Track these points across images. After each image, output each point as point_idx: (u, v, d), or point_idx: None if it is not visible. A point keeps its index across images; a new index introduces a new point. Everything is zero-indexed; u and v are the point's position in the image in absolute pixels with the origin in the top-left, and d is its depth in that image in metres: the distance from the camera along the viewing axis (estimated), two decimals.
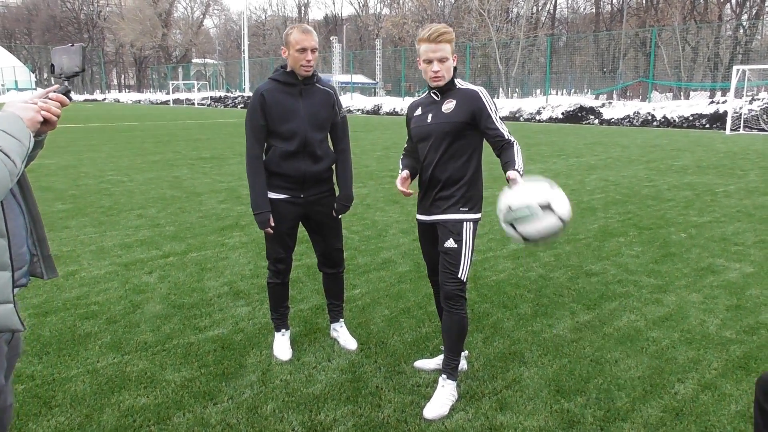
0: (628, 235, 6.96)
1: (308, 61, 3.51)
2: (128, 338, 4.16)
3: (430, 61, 3.23)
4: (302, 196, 3.69)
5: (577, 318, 4.53)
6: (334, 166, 3.84)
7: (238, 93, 59.63)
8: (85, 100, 69.08)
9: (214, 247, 6.48)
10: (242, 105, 51.08)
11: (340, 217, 3.89)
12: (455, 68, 3.32)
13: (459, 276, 3.25)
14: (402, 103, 39.79)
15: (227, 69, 76.97)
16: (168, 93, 66.02)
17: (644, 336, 4.21)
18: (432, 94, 3.40)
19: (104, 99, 71.37)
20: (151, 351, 3.96)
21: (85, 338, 4.16)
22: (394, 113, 38.74)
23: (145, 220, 7.72)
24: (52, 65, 2.17)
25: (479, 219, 3.36)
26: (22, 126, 1.88)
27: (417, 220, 3.54)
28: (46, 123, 2.00)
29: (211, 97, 57.98)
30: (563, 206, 2.92)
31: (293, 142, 3.56)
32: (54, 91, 2.08)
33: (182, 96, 63.07)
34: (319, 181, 3.73)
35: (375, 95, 48.91)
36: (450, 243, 3.27)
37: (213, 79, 75.10)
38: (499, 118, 3.29)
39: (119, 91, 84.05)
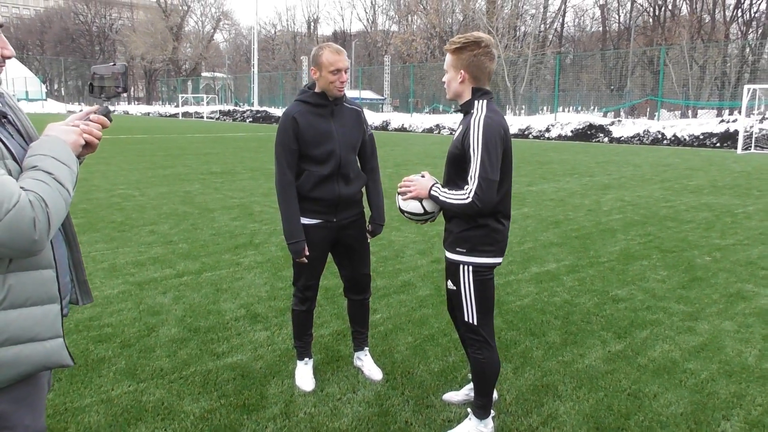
0: (652, 258, 6.77)
1: (342, 82, 3.37)
2: (144, 364, 3.99)
3: None
4: (335, 220, 3.53)
5: (608, 347, 4.33)
6: (363, 188, 3.69)
7: (246, 107, 59.78)
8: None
9: (228, 266, 6.32)
10: (251, 119, 51.20)
11: (369, 241, 3.73)
12: (478, 89, 2.89)
13: (465, 319, 3.00)
14: (410, 120, 39.76)
15: (236, 83, 77.33)
16: (177, 106, 66.28)
17: (681, 368, 4.01)
18: None
19: (114, 111, 71.68)
20: (168, 378, 3.78)
21: (99, 363, 3.98)
22: (402, 129, 38.69)
23: (157, 237, 7.57)
24: (91, 84, 2.02)
25: (487, 265, 2.93)
26: (69, 151, 1.76)
27: None
28: (87, 146, 1.88)
29: (219, 110, 58.15)
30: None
31: (328, 165, 3.40)
32: (95, 112, 1.95)
33: (191, 109, 63.31)
34: (351, 203, 3.58)
35: (382, 111, 48.91)
36: (449, 284, 3.04)
37: (222, 93, 75.43)
38: (481, 161, 2.73)
39: (128, 103, 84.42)
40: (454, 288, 3.00)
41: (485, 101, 2.90)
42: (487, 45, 2.87)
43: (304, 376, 3.73)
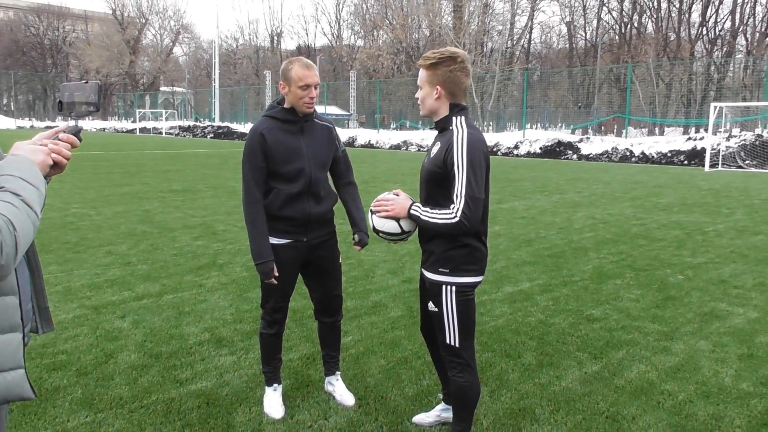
0: (625, 277, 6.86)
1: (311, 97, 3.35)
2: (101, 393, 3.87)
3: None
4: (305, 239, 3.49)
5: (584, 368, 4.36)
6: (337, 205, 3.67)
7: (207, 122, 59.37)
8: (46, 127, 67.94)
9: (191, 288, 6.20)
10: (212, 135, 50.82)
11: (341, 261, 3.70)
12: (455, 105, 2.92)
13: (447, 342, 2.98)
14: (377, 136, 39.91)
15: (196, 98, 76.82)
16: (134, 121, 65.52)
17: (658, 389, 4.04)
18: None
19: (82, 129, 70.52)
20: (128, 408, 3.68)
21: (54, 393, 3.85)
22: (369, 146, 38.82)
23: (115, 258, 7.41)
24: (60, 102, 1.97)
25: (468, 284, 2.92)
26: (37, 171, 1.71)
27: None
28: (55, 166, 1.83)
29: (179, 126, 57.65)
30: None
31: (297, 183, 3.37)
32: (64, 131, 1.90)
33: (149, 125, 62.65)
34: (322, 222, 3.56)
35: (348, 127, 49.01)
36: (431, 306, 3.00)
37: (181, 108, 74.79)
38: (467, 179, 2.73)
39: (82, 119, 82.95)
40: (436, 310, 2.97)
41: (463, 117, 2.91)
42: (462, 60, 2.89)
43: (273, 402, 3.66)
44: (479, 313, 5.52)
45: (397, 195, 3.05)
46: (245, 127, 51.75)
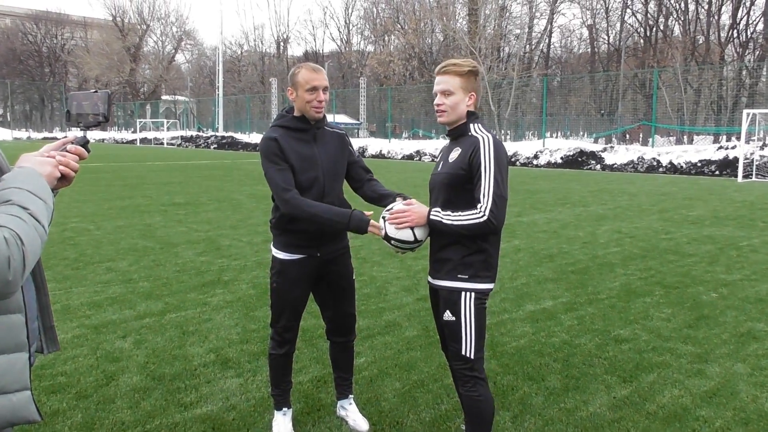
0: (654, 294, 6.81)
1: (320, 101, 3.37)
2: (102, 417, 3.87)
3: (436, 94, 3.13)
4: (319, 254, 3.49)
5: (613, 392, 4.31)
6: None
7: (210, 132, 59.77)
8: (44, 138, 68.69)
9: (195, 306, 6.22)
10: (215, 145, 51.15)
11: (354, 278, 3.70)
12: (472, 112, 3.13)
13: (463, 353, 3.03)
14: (389, 146, 40.03)
15: (199, 107, 77.38)
16: (135, 131, 66.07)
17: (693, 415, 3.99)
18: (448, 140, 3.27)
19: (64, 137, 71.17)
20: None
21: (52, 417, 3.86)
22: (380, 156, 38.92)
23: (115, 275, 7.45)
24: (68, 112, 2.00)
25: (485, 290, 3.04)
26: (45, 185, 1.72)
27: (428, 281, 3.35)
28: (63, 178, 1.84)
29: (181, 136, 58.07)
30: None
31: (310, 194, 3.37)
32: (72, 142, 1.92)
33: (150, 135, 63.15)
34: (336, 236, 3.56)
35: (358, 136, 49.19)
36: (447, 315, 3.06)
37: (184, 118, 75.41)
38: (494, 179, 2.90)
39: (74, 129, 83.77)
40: (453, 319, 3.03)
41: (480, 124, 3.11)
42: (482, 75, 3.07)
43: (283, 428, 3.65)
44: (500, 332, 5.50)
45: (411, 204, 3.13)
46: (250, 138, 52.07)
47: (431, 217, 3.01)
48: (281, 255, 3.49)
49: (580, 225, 11.49)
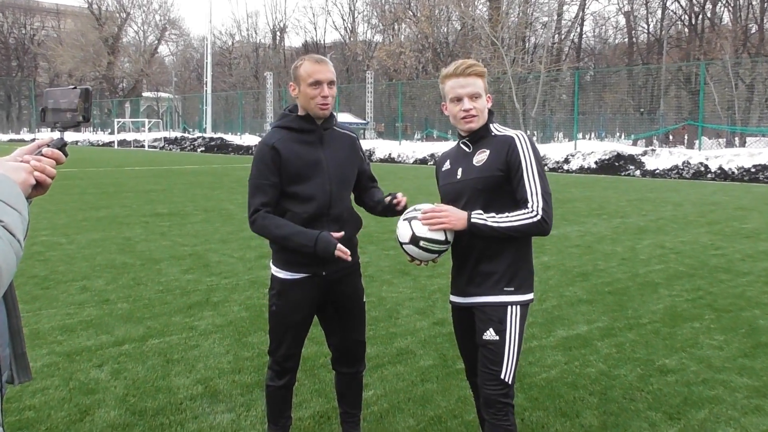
0: (704, 319, 6.77)
1: (324, 97, 3.39)
2: None
3: (459, 99, 3.19)
4: (324, 273, 3.49)
5: (658, 431, 4.28)
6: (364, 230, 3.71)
7: (197, 134, 60.07)
8: (10, 141, 69.27)
9: (180, 331, 6.23)
10: (203, 148, 51.39)
11: (365, 300, 3.71)
12: (491, 112, 3.28)
13: (502, 377, 3.10)
14: (399, 148, 40.11)
15: (185, 104, 77.82)
16: (112, 132, 66.45)
17: None
18: (462, 145, 3.35)
19: (33, 139, 71.35)
20: None
21: None
22: (389, 160, 39.00)
23: (90, 295, 7.48)
24: (43, 110, 2.00)
25: (530, 302, 3.23)
26: (19, 193, 1.70)
27: (450, 303, 3.41)
28: (38, 185, 1.83)
29: (165, 138, 58.45)
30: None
31: (314, 204, 3.39)
32: (47, 145, 1.92)
33: (129, 136, 63.57)
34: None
35: (364, 137, 49.31)
36: (490, 334, 3.13)
37: (167, 117, 75.80)
38: (539, 175, 3.13)
39: (52, 130, 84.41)
40: (497, 338, 3.10)
41: (496, 124, 3.31)
42: None
43: None
44: (528, 362, 5.48)
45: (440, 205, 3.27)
46: (242, 139, 52.31)
47: (473, 220, 3.08)
48: (281, 274, 3.50)
49: (618, 239, 11.46)
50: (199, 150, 51.60)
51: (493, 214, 3.08)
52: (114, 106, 77.86)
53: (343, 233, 3.36)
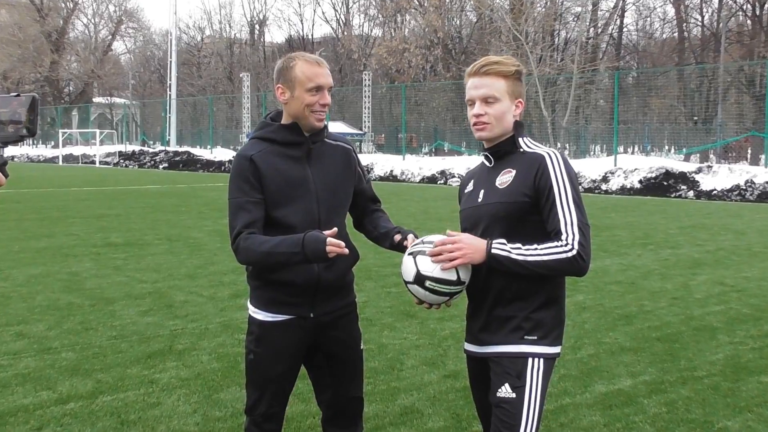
0: None
1: (324, 105, 3.42)
2: None
3: (472, 102, 3.23)
4: (312, 315, 3.50)
5: None
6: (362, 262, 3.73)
7: (160, 147, 60.27)
8: None
9: (138, 386, 6.21)
10: (166, 164, 51.52)
11: (363, 347, 3.75)
12: (520, 123, 3.27)
13: None
14: (403, 164, 40.18)
15: (144, 112, 78.25)
16: (56, 146, 66.66)
17: None
18: (485, 159, 3.37)
19: (11, 159, 71.89)
20: None
21: None
22: (391, 178, 39.09)
23: (28, 342, 7.47)
24: None
25: (557, 356, 3.23)
26: None
27: (465, 351, 3.42)
28: None
29: (119, 152, 58.69)
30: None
31: (299, 231, 3.39)
32: None
33: (77, 151, 63.80)
34: (337, 290, 3.57)
35: (361, 151, 49.41)
36: (505, 391, 3.11)
37: (123, 127, 76.10)
38: (574, 203, 3.09)
39: (11, 146, 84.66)
40: (513, 396, 3.07)
41: (529, 138, 3.28)
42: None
43: None
44: (558, 423, 5.48)
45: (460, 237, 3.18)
46: (213, 154, 52.52)
47: (494, 251, 3.05)
48: (261, 315, 3.50)
49: (668, 274, 11.47)
50: (161, 167, 51.73)
51: (518, 245, 3.05)
52: (58, 115, 78.08)
53: (336, 229, 3.31)
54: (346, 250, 3.24)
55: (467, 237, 3.14)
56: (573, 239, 3.01)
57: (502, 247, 3.05)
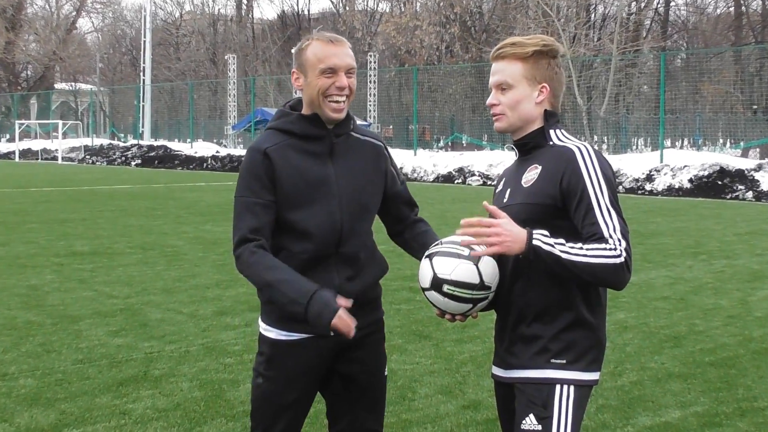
0: None
1: (341, 88, 3.40)
2: None
3: (491, 91, 3.23)
4: (332, 334, 3.48)
5: None
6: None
7: (132, 141, 60.28)
8: None
9: (108, 417, 6.22)
10: (139, 160, 51.53)
11: (387, 373, 3.77)
12: (552, 112, 3.24)
13: None
14: (414, 160, 40.09)
15: (114, 100, 78.20)
16: (12, 140, 66.74)
17: None
18: (515, 153, 3.38)
19: None
20: None
21: None
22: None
23: None
24: None
25: (593, 383, 3.20)
26: None
27: (492, 377, 3.42)
28: None
29: (85, 146, 58.72)
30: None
31: (317, 239, 3.43)
32: None
33: (36, 145, 63.76)
34: (361, 305, 3.51)
35: None
36: (529, 423, 3.10)
37: (90, 118, 76.11)
38: (612, 206, 3.03)
39: None
40: (539, 428, 3.05)
41: (563, 131, 3.24)
42: (563, 54, 3.18)
43: None
44: None
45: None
46: (194, 149, 52.51)
47: (535, 242, 2.94)
48: (273, 333, 3.51)
49: (723, 288, 11.45)
50: (133, 163, 51.77)
51: (561, 240, 2.96)
52: (14, 103, 78.09)
53: (351, 301, 3.29)
54: (352, 333, 3.23)
55: (507, 221, 2.99)
56: (620, 245, 2.95)
57: (545, 239, 2.95)
